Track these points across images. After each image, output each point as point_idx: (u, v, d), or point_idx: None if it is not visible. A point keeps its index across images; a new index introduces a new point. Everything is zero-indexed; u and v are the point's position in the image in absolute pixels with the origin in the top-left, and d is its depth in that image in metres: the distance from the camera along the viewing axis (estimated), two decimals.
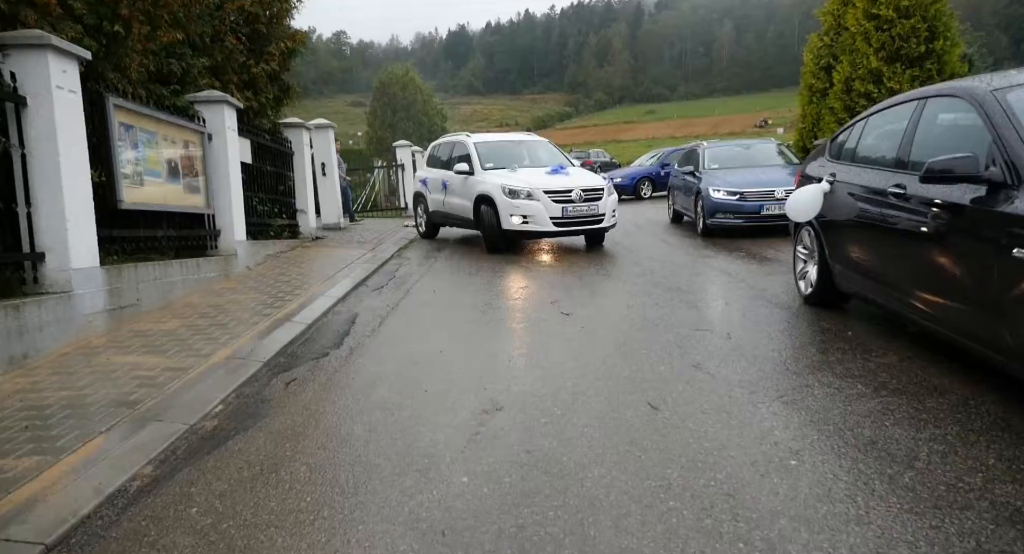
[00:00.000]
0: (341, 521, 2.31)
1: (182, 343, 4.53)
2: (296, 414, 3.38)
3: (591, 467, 2.63)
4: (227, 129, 7.24)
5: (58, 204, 4.45)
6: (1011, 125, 3.06)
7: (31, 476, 2.56)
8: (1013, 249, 2.73)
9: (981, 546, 1.98)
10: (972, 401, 3.07)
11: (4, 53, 4.23)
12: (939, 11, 10.20)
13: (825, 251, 4.86)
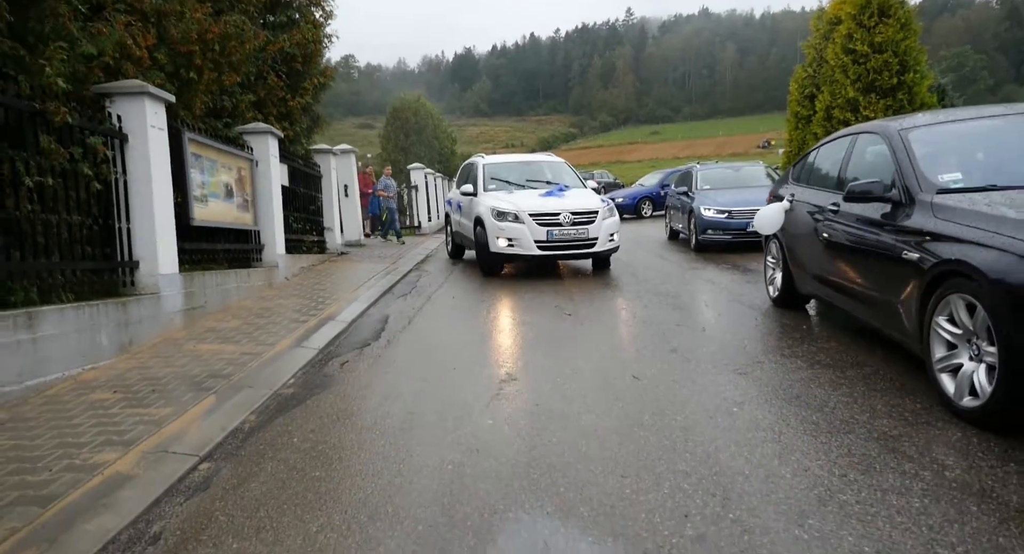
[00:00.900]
0: (403, 445, 3.21)
1: (248, 336, 5.46)
2: (354, 384, 4.29)
3: (584, 414, 3.52)
4: (270, 156, 8.25)
5: (149, 221, 5.42)
6: (908, 158, 3.99)
7: (172, 419, 3.47)
8: (902, 252, 3.64)
9: (851, 452, 2.86)
10: (882, 372, 3.95)
11: (111, 99, 5.24)
12: (909, 47, 11.19)
13: (787, 259, 5.77)
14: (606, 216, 8.34)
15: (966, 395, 3.12)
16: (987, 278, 2.91)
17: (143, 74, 5.70)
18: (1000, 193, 3.45)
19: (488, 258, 8.46)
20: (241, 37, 6.58)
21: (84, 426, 3.39)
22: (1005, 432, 2.92)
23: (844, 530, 2.25)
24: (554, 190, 8.86)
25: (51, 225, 4.42)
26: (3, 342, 3.71)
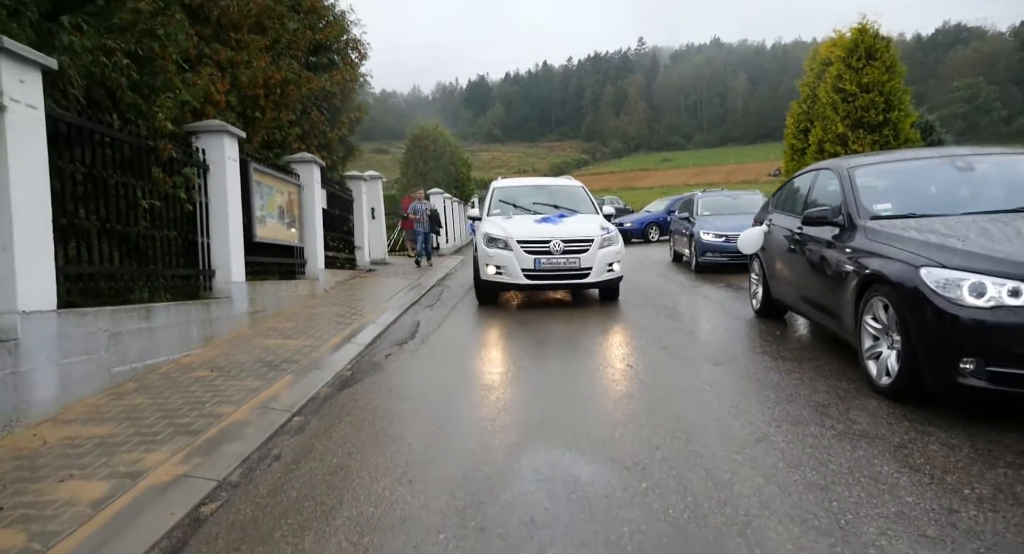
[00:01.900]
0: (446, 408, 4.15)
1: (304, 334, 6.45)
2: (399, 369, 5.25)
3: (585, 389, 4.46)
4: (314, 182, 9.34)
5: (224, 237, 6.46)
6: (852, 191, 4.94)
7: (263, 389, 4.44)
8: (846, 265, 4.57)
9: (789, 414, 3.77)
10: (831, 364, 4.85)
11: (197, 136, 6.32)
12: (894, 88, 12.21)
13: (766, 275, 6.70)
14: (604, 245, 7.78)
15: (884, 376, 4.03)
16: (892, 283, 3.85)
17: (220, 115, 6.80)
18: (915, 220, 4.39)
19: (479, 285, 8.22)
20: (297, 82, 7.70)
21: (199, 392, 4.37)
22: (907, 402, 3.82)
23: (769, 457, 3.17)
24: (553, 216, 8.47)
25: (156, 239, 5.46)
26: (132, 329, 4.72)
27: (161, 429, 3.66)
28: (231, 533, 2.65)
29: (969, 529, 2.42)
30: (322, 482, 3.11)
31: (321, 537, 2.58)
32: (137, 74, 5.24)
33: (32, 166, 3.85)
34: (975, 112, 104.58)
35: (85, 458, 3.25)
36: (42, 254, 3.91)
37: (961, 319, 3.41)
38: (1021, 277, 3.32)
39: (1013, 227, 3.88)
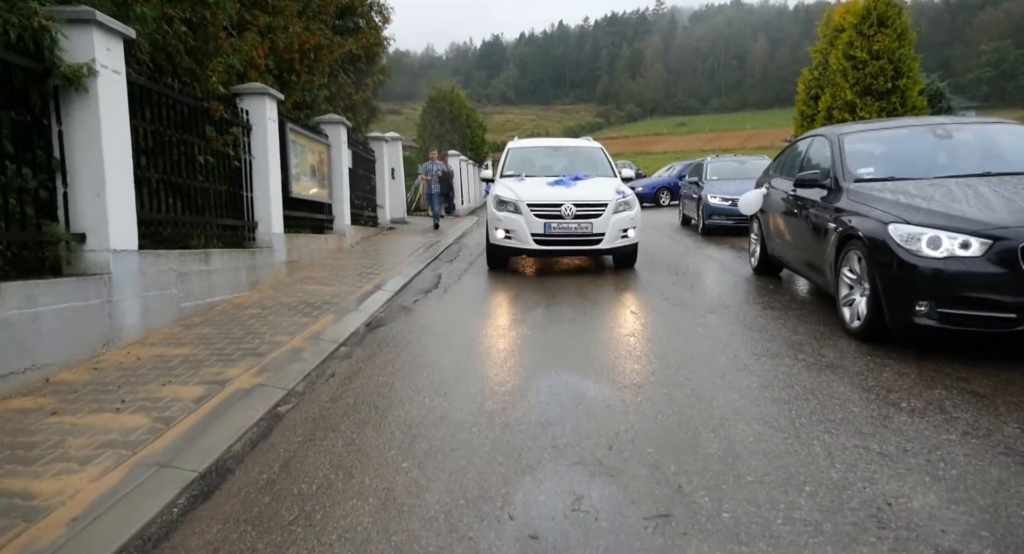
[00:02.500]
0: (472, 342, 4.79)
1: (338, 282, 7.09)
2: (426, 313, 5.88)
3: (593, 329, 5.07)
4: (341, 143, 9.87)
5: (265, 191, 7.05)
6: (840, 156, 5.43)
7: (311, 324, 5.09)
8: (829, 223, 5.10)
9: (768, 350, 4.37)
10: (815, 313, 5.42)
11: (241, 98, 6.86)
12: (903, 55, 12.42)
13: (763, 234, 7.22)
14: (619, 209, 7.49)
15: (855, 320, 4.60)
16: (865, 238, 4.39)
17: (260, 77, 7.31)
18: (893, 182, 4.90)
19: (489, 250, 8.03)
20: (329, 46, 8.17)
21: (256, 325, 5.03)
22: (872, 341, 4.40)
23: (745, 380, 3.78)
24: (566, 179, 8.07)
25: (210, 192, 6.06)
26: (194, 270, 5.36)
27: (232, 351, 4.33)
28: (305, 425, 3.31)
29: (897, 429, 3.03)
30: (372, 393, 3.76)
31: (378, 429, 3.23)
32: (193, 40, 5.76)
33: (118, 124, 4.44)
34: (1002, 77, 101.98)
35: (176, 370, 3.92)
36: (126, 201, 4.52)
37: (919, 268, 3.96)
38: (971, 232, 3.85)
39: (974, 189, 4.38)
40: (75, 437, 2.95)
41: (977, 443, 2.85)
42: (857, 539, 2.16)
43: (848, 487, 2.50)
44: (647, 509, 2.39)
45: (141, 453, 2.79)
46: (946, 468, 2.63)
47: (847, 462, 2.71)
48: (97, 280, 4.22)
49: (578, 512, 2.39)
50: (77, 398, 3.44)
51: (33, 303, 3.67)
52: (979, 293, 3.78)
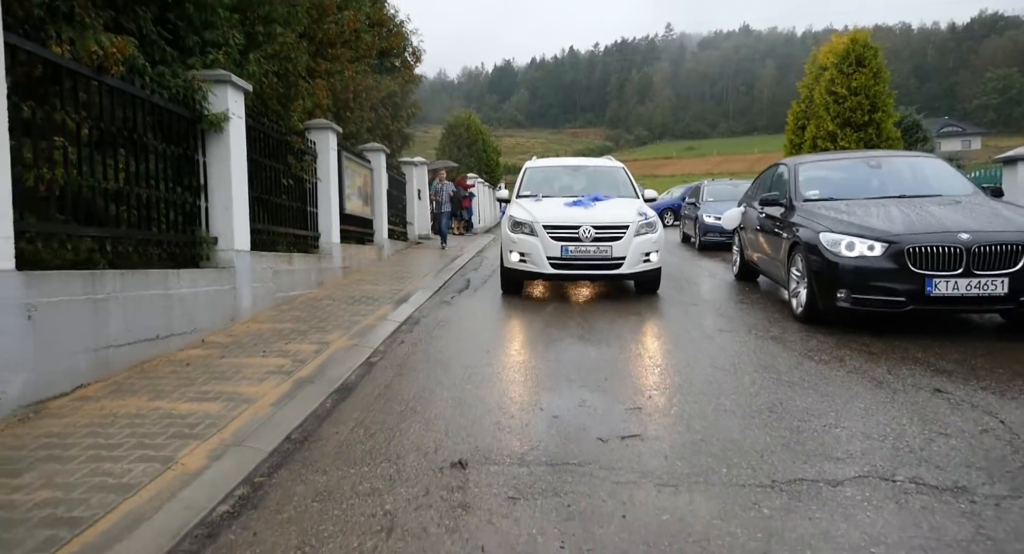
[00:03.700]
0: (505, 325, 6.19)
1: (386, 283, 8.53)
2: (463, 305, 7.29)
3: (600, 315, 6.45)
4: (382, 167, 11.40)
5: (327, 208, 8.54)
6: (793, 182, 6.85)
7: (377, 310, 6.52)
8: (783, 234, 6.49)
9: (731, 326, 5.75)
10: (773, 304, 6.79)
11: (309, 131, 8.38)
12: (879, 91, 13.90)
13: (741, 244, 8.61)
14: (641, 232, 7.13)
15: (799, 307, 5.97)
16: (805, 243, 5.78)
17: (323, 114, 8.85)
18: (831, 202, 6.30)
19: (503, 274, 7.72)
20: (377, 87, 9.72)
21: (335, 310, 6.46)
22: (809, 322, 5.77)
23: (708, 345, 5.15)
24: (585, 199, 7.73)
25: (289, 208, 7.55)
26: (282, 269, 6.82)
27: (324, 326, 5.76)
28: (393, 368, 4.71)
29: (804, 370, 4.40)
30: (435, 351, 5.17)
31: (445, 370, 4.63)
32: (280, 88, 7.29)
33: (240, 156, 5.93)
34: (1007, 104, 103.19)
35: (290, 336, 5.35)
36: (244, 213, 6.00)
37: (839, 265, 5.34)
38: (875, 238, 5.24)
39: (886, 208, 5.77)
40: (246, 368, 4.37)
41: (854, 376, 4.22)
42: (755, 419, 3.53)
43: (757, 396, 3.88)
44: (626, 405, 3.78)
45: (294, 377, 4.20)
46: (825, 387, 4.01)
47: (762, 385, 4.09)
48: (226, 272, 5.68)
49: (583, 407, 3.77)
50: (231, 350, 4.88)
51: (194, 285, 5.12)
52: (879, 283, 5.15)
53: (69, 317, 3.78)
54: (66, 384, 3.75)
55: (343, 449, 3.21)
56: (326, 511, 2.58)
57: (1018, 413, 3.48)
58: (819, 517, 2.45)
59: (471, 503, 2.62)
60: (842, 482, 2.73)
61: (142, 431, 3.23)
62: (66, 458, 2.90)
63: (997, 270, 4.89)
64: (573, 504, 2.59)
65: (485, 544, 2.32)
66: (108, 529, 2.31)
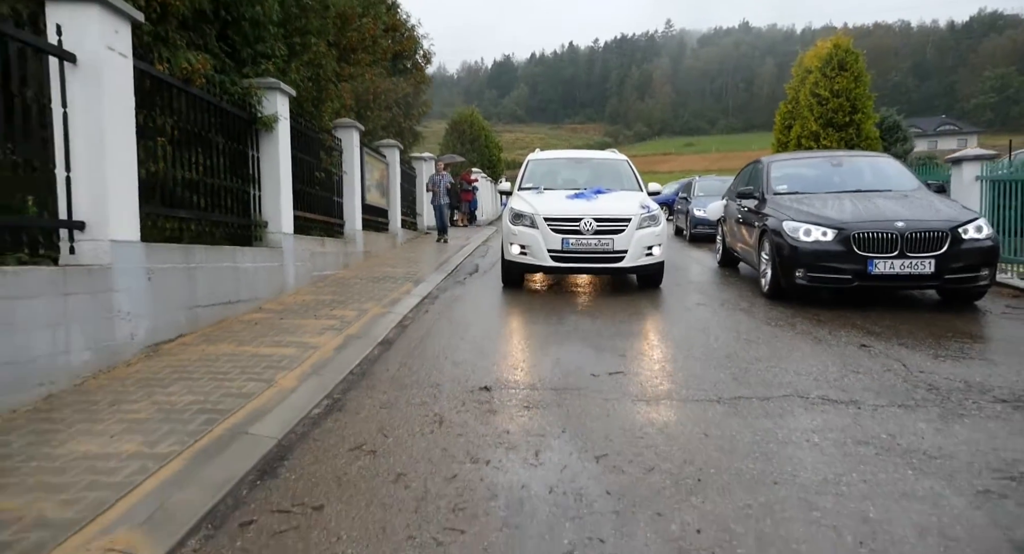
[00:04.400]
0: (515, 296, 7.16)
1: (404, 266, 9.49)
2: (476, 284, 8.25)
3: (598, 291, 7.42)
4: (396, 162, 12.35)
5: (352, 199, 9.50)
6: (767, 177, 7.81)
7: (400, 287, 7.48)
8: (756, 222, 7.46)
9: (708, 302, 6.72)
10: (749, 285, 7.77)
11: (336, 129, 9.32)
12: (859, 94, 14.85)
13: (723, 233, 9.58)
14: (643, 225, 7.12)
15: (767, 285, 6.94)
16: (772, 230, 6.75)
17: (347, 113, 9.80)
18: (795, 195, 7.27)
19: (504, 266, 7.73)
20: (396, 91, 10.66)
21: (364, 287, 7.43)
22: (774, 297, 6.74)
23: (689, 315, 6.13)
24: (587, 192, 7.72)
25: (320, 198, 8.50)
26: (317, 250, 7.78)
27: (359, 299, 6.72)
28: (423, 329, 5.67)
29: (760, 332, 5.38)
30: (458, 318, 6.13)
31: (466, 331, 5.59)
32: (314, 91, 8.24)
33: (286, 152, 6.89)
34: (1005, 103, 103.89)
35: (332, 305, 6.32)
36: (289, 200, 6.96)
37: (799, 248, 6.31)
38: (827, 225, 6.21)
39: (840, 200, 6.74)
40: (304, 327, 5.34)
41: (800, 336, 5.20)
42: (714, 362, 4.50)
43: (719, 349, 4.86)
44: (614, 354, 4.75)
45: (344, 333, 5.17)
46: (775, 343, 4.99)
47: (724, 341, 5.07)
48: (276, 251, 6.64)
49: (579, 354, 4.74)
50: (286, 314, 5.85)
51: (254, 260, 6.09)
52: (830, 263, 6.13)
53: (172, 280, 4.74)
54: (171, 333, 4.72)
55: (394, 380, 4.18)
56: (391, 414, 3.55)
57: (919, 360, 4.47)
58: (748, 418, 3.42)
59: (496, 409, 3.59)
60: (769, 398, 3.71)
61: (242, 365, 4.20)
62: (194, 379, 3.87)
63: (926, 253, 5.87)
64: (571, 410, 3.56)
65: (509, 429, 3.29)
66: (244, 416, 3.28)
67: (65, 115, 3.88)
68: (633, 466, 2.84)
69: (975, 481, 2.65)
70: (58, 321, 3.60)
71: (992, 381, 3.98)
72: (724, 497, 2.55)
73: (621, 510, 2.46)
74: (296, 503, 2.55)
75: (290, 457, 2.98)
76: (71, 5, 3.88)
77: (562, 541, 2.26)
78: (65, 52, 3.85)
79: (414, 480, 2.73)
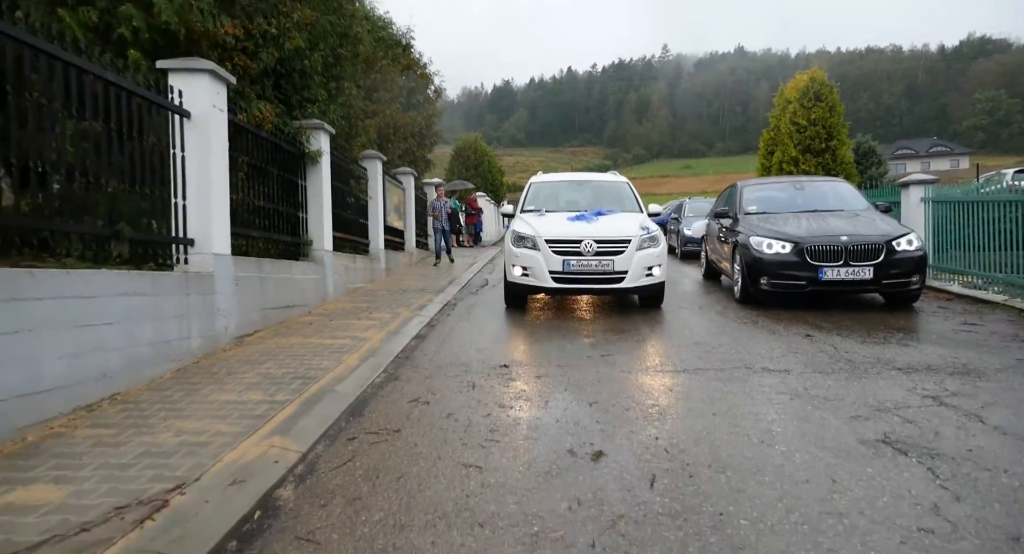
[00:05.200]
0: (522, 305, 8.32)
1: (423, 281, 10.66)
2: (488, 295, 9.40)
3: (597, 306, 8.58)
4: (411, 188, 13.60)
5: (376, 221, 10.71)
6: (739, 198, 9.02)
7: (423, 296, 8.64)
8: (730, 238, 8.64)
9: (691, 306, 7.88)
10: (723, 294, 8.92)
11: (363, 159, 10.57)
12: (834, 123, 16.16)
13: (706, 249, 10.76)
14: (643, 246, 7.26)
15: (738, 292, 8.10)
16: (741, 244, 7.93)
17: (371, 145, 11.06)
18: (762, 215, 8.46)
19: (506, 288, 7.84)
20: (413, 125, 11.95)
21: (392, 297, 8.59)
22: (745, 303, 7.90)
23: (669, 316, 7.28)
24: (588, 214, 7.87)
25: (350, 221, 9.71)
26: (350, 266, 8.96)
27: (391, 305, 7.88)
28: (447, 327, 6.81)
29: (726, 326, 6.53)
30: (476, 320, 7.27)
31: (484, 328, 6.73)
32: (346, 127, 9.50)
33: (327, 181, 8.11)
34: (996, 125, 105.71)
35: (369, 310, 7.48)
36: (329, 223, 8.15)
37: (763, 259, 7.47)
38: (786, 240, 7.38)
39: (798, 219, 7.93)
40: (351, 325, 6.49)
41: (758, 330, 6.35)
42: (685, 348, 5.64)
43: (691, 338, 6.01)
44: (605, 344, 5.89)
45: (385, 329, 6.32)
46: (737, 335, 6.14)
47: (697, 334, 6.22)
48: (319, 265, 7.82)
49: (578, 345, 5.88)
50: (333, 317, 7.01)
51: (304, 273, 7.27)
52: (788, 272, 7.29)
53: (251, 287, 5.91)
54: (249, 328, 5.87)
55: (432, 361, 5.32)
56: (434, 382, 4.69)
57: (848, 345, 5.61)
58: (704, 381, 4.56)
59: (514, 378, 4.73)
60: (723, 369, 4.85)
61: (312, 350, 5.35)
62: (279, 360, 5.02)
63: (866, 262, 7.03)
64: (571, 379, 4.70)
65: (525, 389, 4.43)
66: (327, 382, 4.42)
67: (183, 158, 5.09)
68: (615, 407, 3.98)
69: (850, 412, 3.79)
70: (183, 314, 4.76)
71: (899, 358, 5.12)
72: (677, 423, 3.69)
73: (604, 429, 3.60)
74: (381, 429, 3.69)
75: (368, 405, 4.13)
76: (189, 74, 5.11)
77: (564, 444, 3.39)
78: (184, 110, 5.08)
79: (460, 417, 3.87)
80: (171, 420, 3.56)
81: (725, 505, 2.68)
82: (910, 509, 2.62)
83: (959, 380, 4.44)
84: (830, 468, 3.03)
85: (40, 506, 2.54)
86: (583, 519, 2.60)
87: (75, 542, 2.25)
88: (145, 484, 2.76)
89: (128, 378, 4.11)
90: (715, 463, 3.11)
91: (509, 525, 2.56)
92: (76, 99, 3.98)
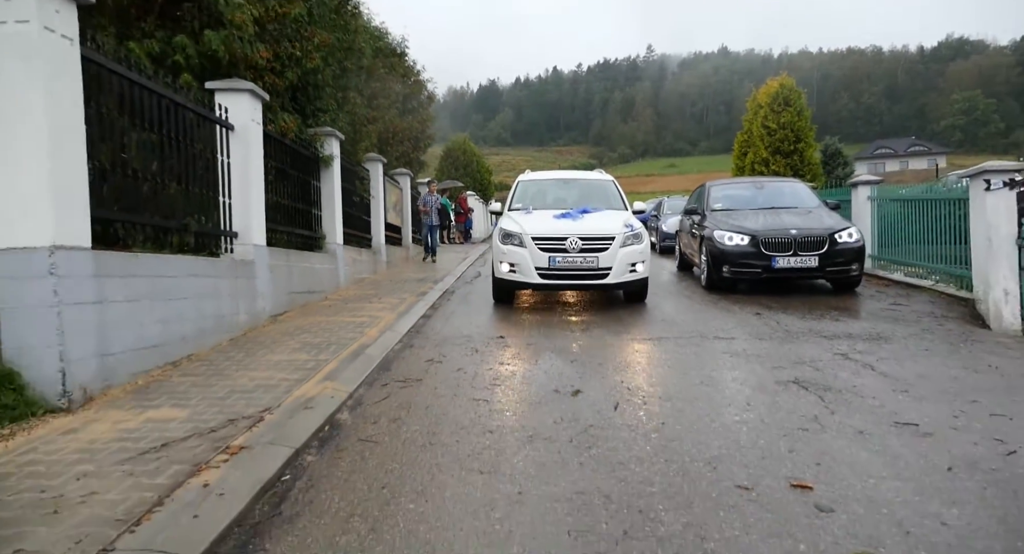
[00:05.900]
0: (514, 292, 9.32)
1: (422, 273, 11.62)
2: (481, 285, 10.38)
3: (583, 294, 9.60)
4: (408, 187, 14.55)
5: (378, 218, 11.67)
6: (707, 196, 10.09)
7: (424, 285, 9.61)
8: (698, 233, 9.70)
9: (667, 294, 8.93)
10: (693, 282, 9.98)
11: (366, 161, 11.52)
12: (801, 126, 17.33)
13: (680, 243, 11.82)
14: (627, 243, 7.47)
15: (704, 280, 9.15)
16: (707, 237, 8.98)
17: (373, 149, 12.01)
18: (726, 211, 9.52)
19: (494, 284, 8.08)
20: (410, 130, 12.90)
21: (396, 285, 9.55)
22: (710, 289, 8.95)
23: (652, 303, 8.32)
24: (573, 211, 8.08)
25: (356, 218, 10.65)
26: (358, 258, 9.91)
27: (397, 291, 8.84)
28: (448, 309, 7.79)
29: (693, 306, 7.58)
30: (473, 305, 8.25)
31: (480, 310, 7.72)
32: (352, 133, 10.44)
33: (338, 182, 9.06)
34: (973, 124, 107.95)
35: (378, 296, 8.44)
36: (339, 219, 9.10)
37: (724, 250, 8.53)
38: (744, 233, 8.43)
39: (756, 214, 9.00)
40: (366, 307, 7.45)
41: (717, 310, 7.40)
42: (654, 323, 6.67)
43: (660, 317, 7.04)
44: (587, 320, 6.91)
45: (396, 311, 7.29)
46: (699, 314, 7.19)
47: (665, 313, 7.26)
48: (332, 256, 8.77)
49: (563, 319, 6.89)
50: (348, 301, 7.97)
51: (320, 263, 8.22)
52: (746, 261, 8.35)
53: (281, 273, 6.87)
54: (280, 309, 6.83)
55: (439, 334, 6.31)
56: (444, 349, 5.67)
57: (789, 320, 6.67)
58: (664, 345, 5.59)
59: (510, 345, 5.74)
60: (680, 337, 5.89)
61: (338, 325, 6.32)
62: (313, 333, 5.99)
63: (811, 252, 8.11)
64: (556, 345, 5.70)
65: (519, 352, 5.44)
66: (356, 347, 5.40)
67: (228, 164, 6.03)
68: (590, 363, 5.00)
69: (774, 364, 4.85)
70: (233, 293, 5.72)
71: (827, 329, 6.19)
72: (640, 373, 4.71)
73: (582, 376, 4.62)
74: (407, 378, 4.68)
75: (393, 364, 5.12)
76: (233, 93, 6.06)
77: (551, 387, 4.41)
78: (229, 124, 6.02)
79: (468, 370, 4.87)
80: (243, 371, 4.53)
81: (667, 419, 3.71)
82: (798, 419, 3.66)
83: (868, 343, 5.52)
84: (747, 397, 4.07)
85: (172, 419, 3.51)
86: (564, 427, 3.61)
87: (211, 437, 3.23)
88: (241, 408, 3.73)
89: (197, 343, 5.06)
90: (664, 396, 4.14)
91: (511, 430, 3.57)
92: (153, 118, 4.92)
